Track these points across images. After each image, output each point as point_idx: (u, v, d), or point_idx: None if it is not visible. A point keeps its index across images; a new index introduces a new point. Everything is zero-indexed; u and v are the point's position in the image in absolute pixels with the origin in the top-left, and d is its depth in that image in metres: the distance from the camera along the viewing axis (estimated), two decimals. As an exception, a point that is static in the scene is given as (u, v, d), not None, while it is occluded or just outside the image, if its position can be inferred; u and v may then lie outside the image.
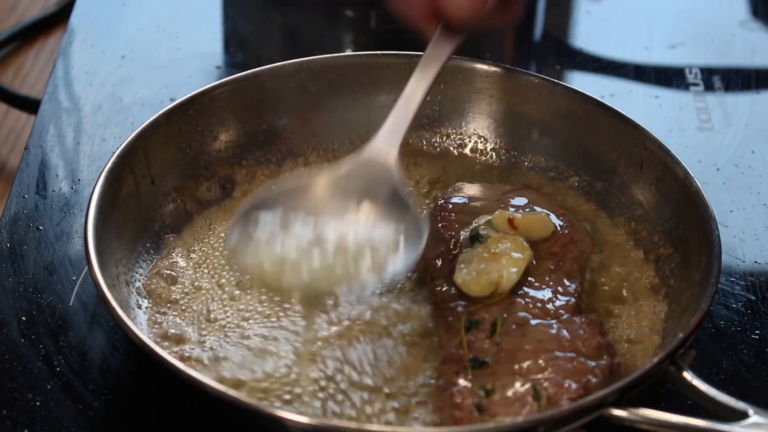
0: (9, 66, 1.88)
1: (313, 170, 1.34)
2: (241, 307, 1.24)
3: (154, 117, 1.34)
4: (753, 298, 1.34)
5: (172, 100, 1.39)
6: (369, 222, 1.17)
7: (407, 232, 1.17)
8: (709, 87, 1.68)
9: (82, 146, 1.51)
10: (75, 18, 1.78)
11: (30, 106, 1.74)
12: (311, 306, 1.18)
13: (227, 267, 1.28)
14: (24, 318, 1.26)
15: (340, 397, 1.14)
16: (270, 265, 1.13)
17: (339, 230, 1.16)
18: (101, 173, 1.26)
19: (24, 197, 1.42)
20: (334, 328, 1.20)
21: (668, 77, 1.70)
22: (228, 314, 1.23)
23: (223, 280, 1.27)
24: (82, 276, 1.31)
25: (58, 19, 1.94)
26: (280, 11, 1.84)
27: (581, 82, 1.72)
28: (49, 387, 1.19)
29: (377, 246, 1.15)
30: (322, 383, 1.15)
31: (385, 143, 1.24)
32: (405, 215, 1.18)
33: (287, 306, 1.23)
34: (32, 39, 1.93)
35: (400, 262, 1.15)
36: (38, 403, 1.18)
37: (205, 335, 1.21)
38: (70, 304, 1.28)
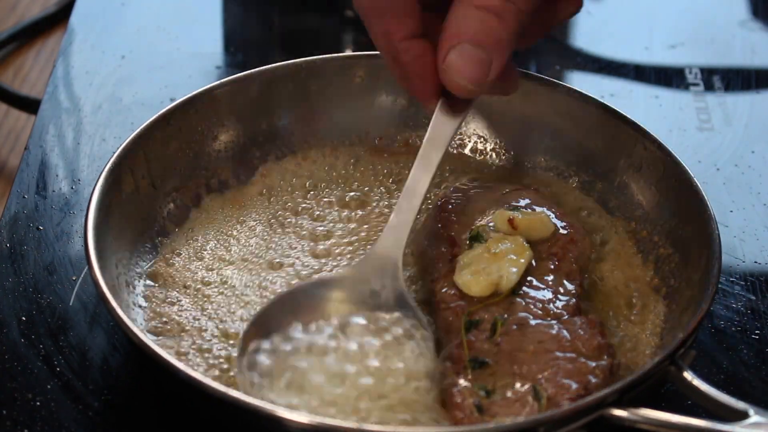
0: (9, 66, 1.88)
1: (316, 279, 1.27)
2: (242, 306, 1.24)
3: (154, 117, 1.34)
4: (753, 298, 1.34)
5: (172, 100, 1.39)
6: (382, 341, 1.15)
7: (418, 346, 1.15)
8: (709, 87, 1.68)
9: (82, 146, 1.51)
10: (75, 18, 1.78)
11: (30, 106, 1.74)
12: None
13: (228, 267, 1.29)
14: (24, 318, 1.26)
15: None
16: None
17: (355, 354, 1.13)
18: (101, 174, 1.26)
19: (24, 197, 1.42)
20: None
21: (668, 77, 1.70)
22: (227, 313, 1.23)
23: (225, 280, 1.27)
24: (82, 276, 1.31)
25: (58, 19, 1.94)
26: (280, 11, 1.84)
27: (581, 82, 1.72)
28: (49, 387, 1.19)
29: (389, 366, 1.13)
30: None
31: (388, 247, 1.21)
32: (414, 327, 1.17)
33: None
34: (32, 39, 1.93)
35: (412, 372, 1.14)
36: (38, 403, 1.18)
37: (205, 334, 1.21)
38: (70, 304, 1.28)
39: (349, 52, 1.72)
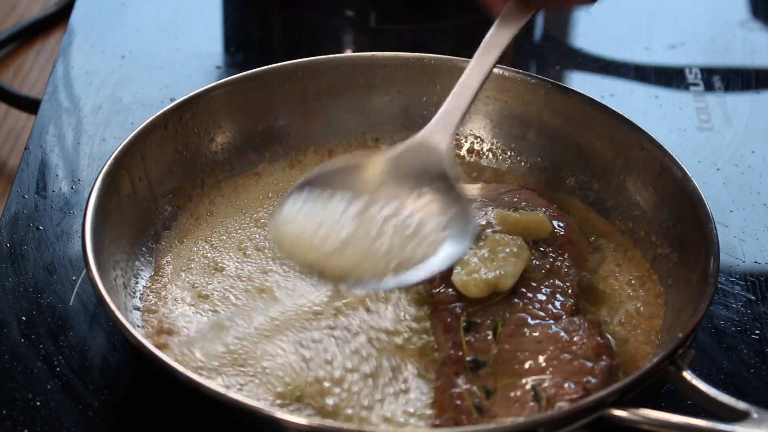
0: (9, 66, 1.88)
1: (365, 152, 1.34)
2: (239, 306, 1.24)
3: (150, 119, 1.34)
4: (753, 298, 1.34)
5: (172, 100, 1.39)
6: (417, 210, 1.18)
7: (454, 223, 1.17)
8: (709, 87, 1.68)
9: (82, 146, 1.51)
10: (75, 18, 1.78)
11: (30, 106, 1.74)
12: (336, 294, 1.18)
13: (225, 268, 1.28)
14: (24, 318, 1.26)
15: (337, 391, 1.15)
16: (309, 244, 1.14)
17: (385, 216, 1.17)
18: (98, 176, 1.25)
19: (24, 197, 1.42)
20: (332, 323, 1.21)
21: (668, 77, 1.70)
22: (226, 314, 1.23)
23: (221, 280, 1.27)
24: (82, 276, 1.31)
25: (58, 19, 1.94)
26: (280, 11, 1.84)
27: (581, 82, 1.72)
28: (49, 387, 1.19)
29: (423, 238, 1.16)
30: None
31: (438, 129, 1.24)
32: (453, 205, 1.18)
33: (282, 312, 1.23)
34: (32, 39, 1.93)
35: (444, 256, 1.15)
36: (38, 403, 1.18)
37: (204, 335, 1.21)
38: (70, 304, 1.28)
39: (348, 53, 1.72)
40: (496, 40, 1.28)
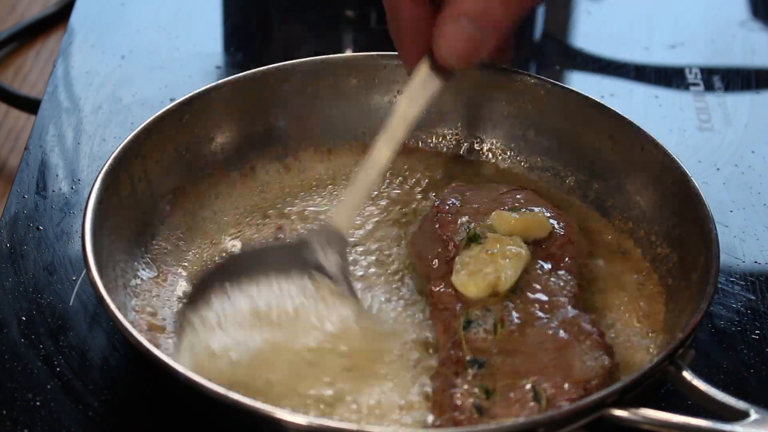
0: (9, 66, 1.88)
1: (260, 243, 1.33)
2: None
3: (150, 119, 1.34)
4: (753, 298, 1.34)
5: (172, 100, 1.39)
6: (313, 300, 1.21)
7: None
8: (709, 87, 1.68)
9: (82, 146, 1.52)
10: (75, 18, 1.78)
11: (30, 106, 1.74)
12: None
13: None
14: (24, 318, 1.26)
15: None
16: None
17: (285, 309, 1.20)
18: (98, 176, 1.25)
19: (24, 197, 1.42)
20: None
21: (668, 77, 1.70)
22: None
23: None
24: (82, 276, 1.31)
25: (58, 19, 1.94)
26: (280, 11, 1.84)
27: (581, 82, 1.72)
28: (49, 387, 1.19)
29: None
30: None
31: (339, 221, 1.25)
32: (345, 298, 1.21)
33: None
34: (32, 39, 1.93)
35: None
36: (38, 403, 1.18)
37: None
38: (70, 304, 1.28)
39: (348, 53, 1.72)
40: (405, 114, 1.24)
